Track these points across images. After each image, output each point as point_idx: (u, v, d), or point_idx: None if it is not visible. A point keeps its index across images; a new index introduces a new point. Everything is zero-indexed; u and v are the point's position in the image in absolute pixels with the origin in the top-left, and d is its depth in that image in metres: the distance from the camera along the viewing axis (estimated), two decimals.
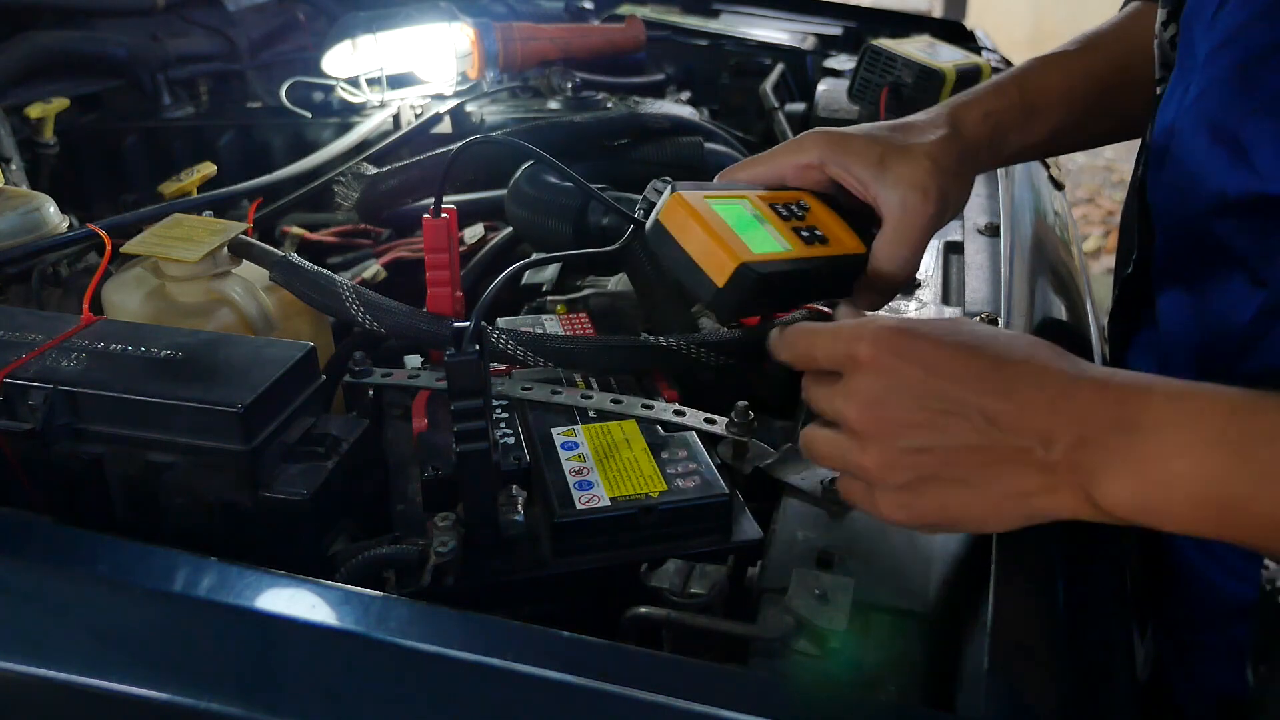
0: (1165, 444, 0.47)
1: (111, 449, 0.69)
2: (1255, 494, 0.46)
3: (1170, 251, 0.68)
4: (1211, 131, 0.60)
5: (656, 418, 0.78)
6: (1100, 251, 4.23)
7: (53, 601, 0.59)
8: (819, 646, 0.56)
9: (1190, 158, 0.62)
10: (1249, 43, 0.58)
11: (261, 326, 0.91)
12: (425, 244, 0.88)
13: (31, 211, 1.01)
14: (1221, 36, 0.60)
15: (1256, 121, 0.57)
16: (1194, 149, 0.61)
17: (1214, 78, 0.60)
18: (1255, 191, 0.57)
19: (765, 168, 0.73)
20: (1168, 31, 0.69)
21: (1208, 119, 0.60)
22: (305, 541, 0.69)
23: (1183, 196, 0.64)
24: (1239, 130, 0.58)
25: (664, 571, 0.64)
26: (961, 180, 0.73)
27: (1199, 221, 0.63)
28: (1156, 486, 0.48)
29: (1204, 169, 0.61)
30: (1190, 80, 0.63)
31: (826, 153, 0.71)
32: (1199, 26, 0.63)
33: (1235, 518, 0.47)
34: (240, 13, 1.74)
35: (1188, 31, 0.64)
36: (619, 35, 1.73)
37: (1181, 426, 0.48)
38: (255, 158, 1.56)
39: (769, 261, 0.65)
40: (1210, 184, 0.60)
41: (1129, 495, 0.48)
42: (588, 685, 0.51)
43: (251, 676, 0.55)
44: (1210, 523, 0.48)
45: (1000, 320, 0.85)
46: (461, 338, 0.64)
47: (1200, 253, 0.64)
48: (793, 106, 1.57)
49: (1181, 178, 0.63)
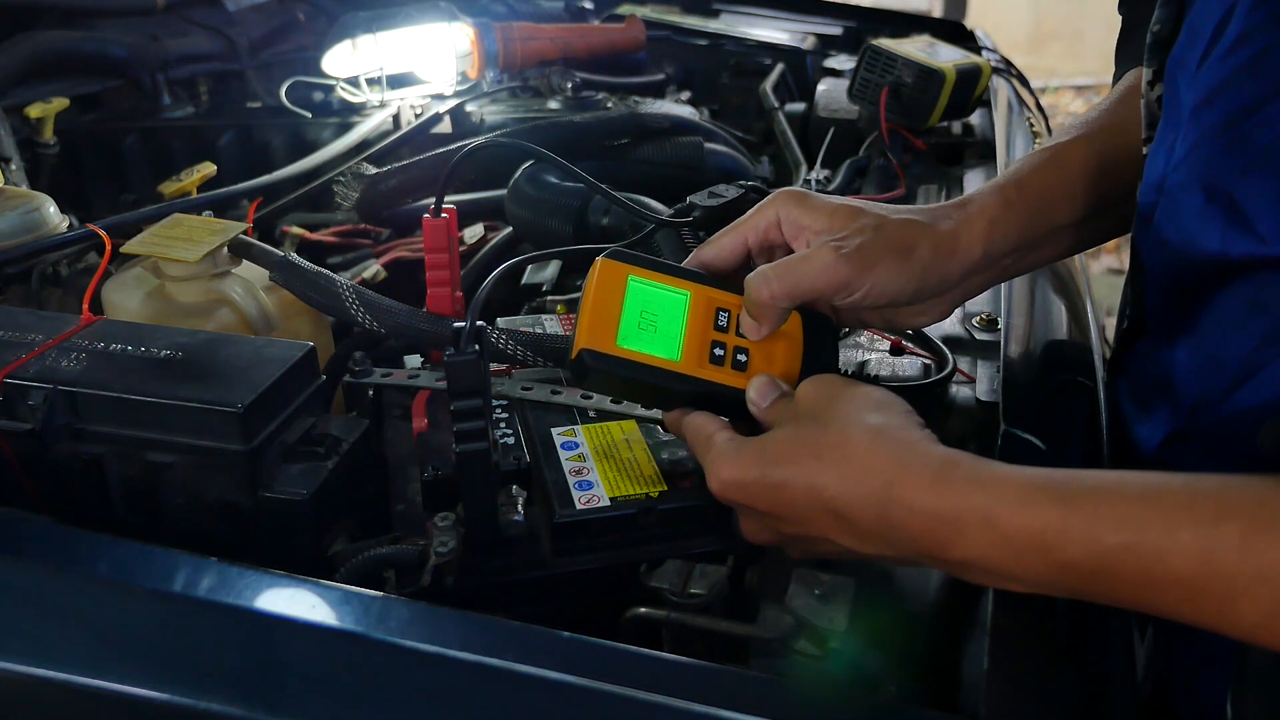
0: (980, 540, 0.50)
1: (111, 449, 0.69)
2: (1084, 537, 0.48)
3: (1162, 304, 0.67)
4: (1205, 191, 0.59)
5: (656, 418, 0.78)
6: (1100, 251, 4.23)
7: (52, 601, 0.59)
8: (819, 646, 0.56)
9: (1183, 216, 0.61)
10: (1234, 98, 0.57)
11: (261, 326, 0.91)
12: (425, 244, 0.88)
13: (31, 211, 1.01)
14: (1206, 91, 0.59)
15: (1251, 181, 0.56)
16: (1186, 207, 0.60)
17: (1202, 134, 0.59)
18: (1259, 254, 0.56)
19: (729, 238, 0.69)
20: (1154, 91, 0.67)
21: (1199, 177, 0.59)
22: (305, 541, 0.69)
23: (1175, 254, 0.62)
24: (1233, 189, 0.57)
25: (664, 571, 0.64)
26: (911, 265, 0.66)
27: (1193, 277, 0.62)
28: (998, 572, 0.51)
29: (1199, 228, 0.59)
30: (1178, 135, 0.62)
31: (784, 209, 0.68)
32: (1183, 78, 0.61)
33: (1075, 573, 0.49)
34: (240, 13, 1.74)
35: (1172, 82, 0.63)
36: (619, 35, 1.73)
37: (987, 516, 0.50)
38: (255, 158, 1.56)
39: (622, 359, 0.64)
40: (1207, 245, 0.59)
41: (981, 579, 0.53)
42: (588, 685, 0.51)
43: (251, 677, 0.55)
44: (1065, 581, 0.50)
45: (1000, 320, 0.85)
46: (460, 338, 0.64)
47: (1194, 302, 0.63)
48: (793, 106, 1.57)
49: (1174, 235, 0.62)
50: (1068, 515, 0.48)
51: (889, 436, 0.55)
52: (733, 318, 0.67)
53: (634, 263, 0.67)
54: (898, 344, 0.86)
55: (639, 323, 0.65)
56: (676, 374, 0.65)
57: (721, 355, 0.66)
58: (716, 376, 0.65)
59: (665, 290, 0.67)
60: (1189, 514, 0.46)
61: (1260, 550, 0.43)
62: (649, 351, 0.65)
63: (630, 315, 0.66)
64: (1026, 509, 0.49)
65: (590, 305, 0.65)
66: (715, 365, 0.66)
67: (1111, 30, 0.88)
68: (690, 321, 0.66)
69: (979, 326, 0.87)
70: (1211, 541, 0.45)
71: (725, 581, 0.63)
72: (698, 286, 0.68)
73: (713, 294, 0.68)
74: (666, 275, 0.68)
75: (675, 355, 0.65)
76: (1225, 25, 0.57)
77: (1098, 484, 0.49)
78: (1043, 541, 0.48)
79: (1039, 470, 0.51)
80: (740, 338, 0.67)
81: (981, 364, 0.82)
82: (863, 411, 0.57)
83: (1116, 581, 0.47)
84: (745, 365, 0.66)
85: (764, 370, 0.66)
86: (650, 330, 0.66)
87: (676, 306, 0.67)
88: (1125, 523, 0.47)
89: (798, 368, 0.67)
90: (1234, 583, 0.44)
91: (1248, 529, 0.44)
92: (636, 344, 0.65)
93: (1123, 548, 0.46)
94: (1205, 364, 0.63)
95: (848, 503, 0.54)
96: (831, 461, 0.55)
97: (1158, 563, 0.46)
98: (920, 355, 0.84)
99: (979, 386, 0.79)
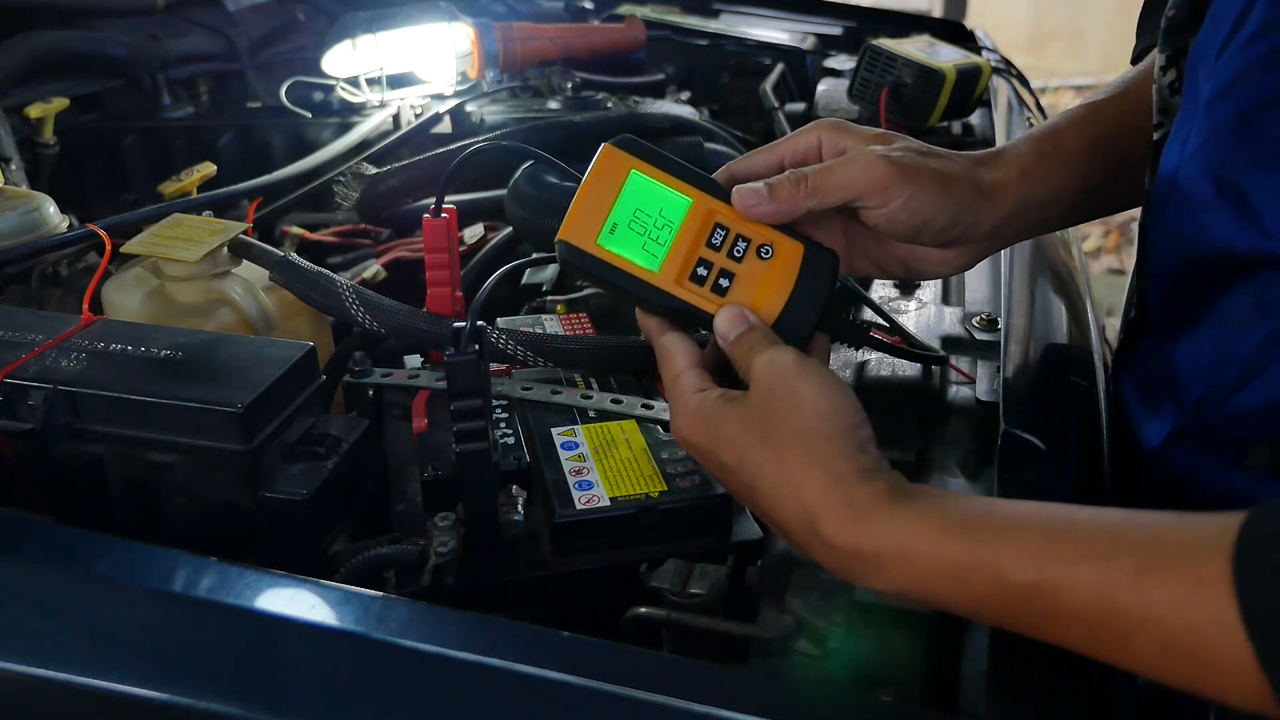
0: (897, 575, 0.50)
1: (111, 449, 0.69)
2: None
3: (1169, 298, 0.67)
4: (1215, 183, 0.58)
5: (656, 418, 0.78)
6: (1100, 251, 4.23)
7: (52, 601, 0.59)
8: (819, 646, 0.56)
9: (1193, 209, 0.60)
10: (1249, 91, 0.56)
11: (261, 326, 0.91)
12: (425, 244, 0.88)
13: (31, 211, 1.01)
14: (1223, 82, 0.58)
15: (1261, 175, 0.55)
16: (1197, 200, 0.60)
17: (1216, 125, 0.59)
18: (1265, 251, 0.56)
19: (764, 155, 0.66)
20: (1166, 77, 0.67)
21: (1211, 169, 0.59)
22: (305, 541, 0.69)
23: (1184, 247, 0.62)
24: (1243, 183, 0.56)
25: (664, 571, 0.64)
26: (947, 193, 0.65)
27: (1201, 272, 0.61)
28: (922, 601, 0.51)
29: (1208, 222, 0.59)
30: (1192, 126, 0.61)
31: (826, 133, 0.66)
32: (1203, 68, 0.61)
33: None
34: (240, 13, 1.74)
35: (1192, 72, 0.62)
36: (619, 35, 1.73)
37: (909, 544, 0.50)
38: (255, 158, 1.56)
39: (598, 260, 0.61)
40: (1215, 238, 0.59)
41: (907, 603, 0.54)
42: (587, 685, 0.51)
43: (251, 677, 0.55)
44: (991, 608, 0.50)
45: (1000, 320, 0.85)
46: (460, 338, 0.64)
47: (1200, 298, 0.63)
48: (793, 106, 1.57)
49: (1184, 227, 0.61)
50: (975, 550, 0.48)
51: (820, 460, 0.53)
52: (730, 237, 0.62)
53: (642, 156, 0.63)
54: (897, 344, 0.86)
55: (629, 221, 0.62)
56: (652, 286, 0.62)
57: (704, 275, 0.62)
58: (692, 298, 0.62)
59: (667, 192, 0.62)
60: (1088, 550, 0.45)
61: (1149, 587, 0.43)
62: (628, 257, 0.62)
63: (622, 212, 0.62)
64: (938, 544, 0.49)
65: (581, 194, 0.62)
66: (695, 284, 0.62)
67: (1111, 31, 0.88)
68: (683, 231, 0.62)
69: (979, 326, 0.87)
70: (1106, 578, 0.44)
71: (725, 581, 0.63)
72: (702, 195, 0.63)
73: (716, 206, 0.62)
74: (673, 176, 0.63)
75: (655, 266, 0.62)
76: (1245, 17, 0.57)
77: (1010, 519, 0.49)
78: (954, 576, 0.48)
79: (960, 501, 0.51)
80: (732, 259, 0.62)
81: (981, 364, 0.82)
82: (806, 418, 0.55)
83: (1023, 616, 0.47)
84: (726, 291, 0.62)
85: (746, 299, 0.62)
86: (638, 232, 0.62)
87: (674, 211, 0.62)
88: (1028, 559, 0.46)
89: (783, 303, 0.62)
90: (1126, 619, 0.44)
91: (1140, 566, 0.44)
92: (618, 246, 0.61)
93: (1026, 584, 0.46)
94: (1209, 361, 0.62)
95: (781, 511, 0.54)
96: (766, 469, 0.55)
97: (1057, 599, 0.45)
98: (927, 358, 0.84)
99: (979, 386, 0.79)
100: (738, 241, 0.62)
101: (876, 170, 0.62)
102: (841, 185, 0.62)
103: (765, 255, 0.62)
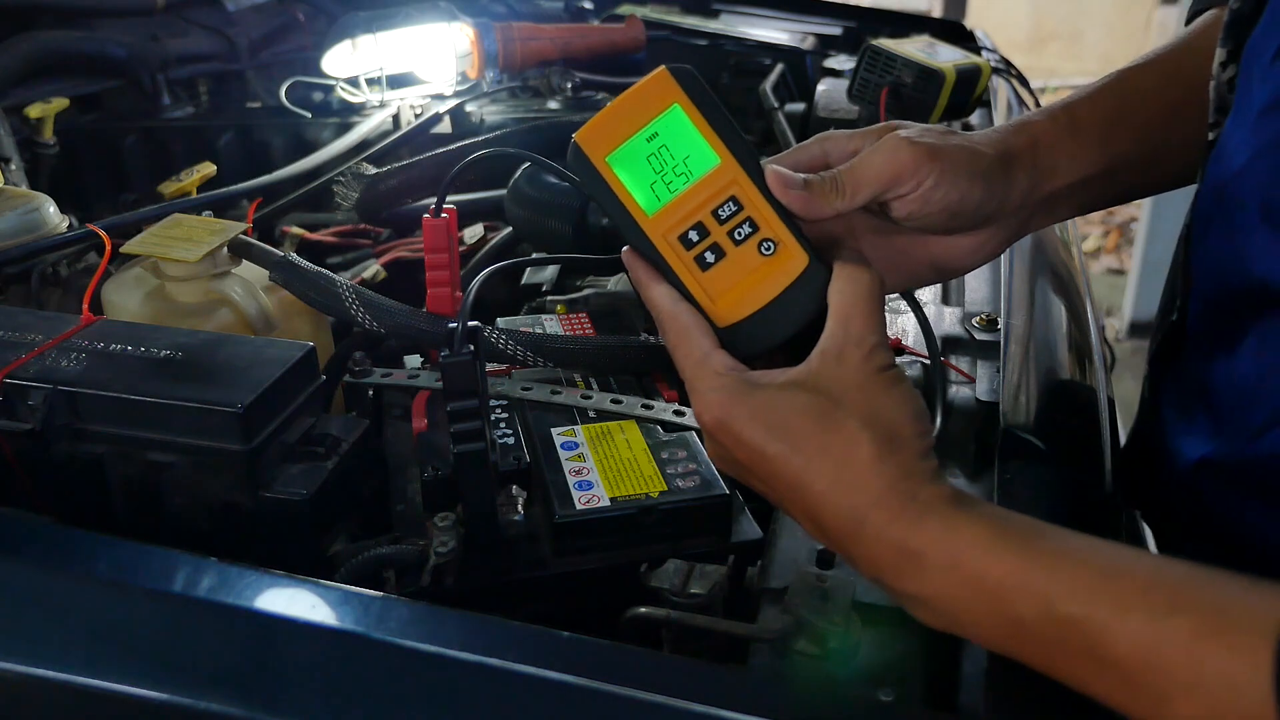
0: (939, 580, 0.49)
1: (111, 449, 0.69)
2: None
3: (1208, 315, 0.64)
4: (1262, 209, 0.55)
5: (656, 418, 0.78)
6: (1100, 251, 4.23)
7: (52, 602, 0.59)
8: (819, 646, 0.56)
9: (1236, 231, 0.57)
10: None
11: (261, 326, 0.91)
12: (425, 244, 0.88)
13: (31, 211, 1.01)
14: (1276, 91, 0.55)
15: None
16: (1240, 223, 0.57)
17: (1266, 143, 0.55)
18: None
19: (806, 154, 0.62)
20: (1226, 73, 0.62)
21: (1258, 192, 0.55)
22: (305, 541, 0.69)
23: (1225, 268, 0.59)
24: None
25: (664, 571, 0.64)
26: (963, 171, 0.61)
27: (1241, 297, 0.59)
28: (950, 617, 0.49)
29: (1251, 248, 0.56)
30: (1243, 137, 0.58)
31: (830, 143, 0.62)
32: (1257, 69, 0.57)
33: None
34: (240, 13, 1.74)
35: (1247, 73, 0.59)
36: (619, 35, 1.73)
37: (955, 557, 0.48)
38: (255, 158, 1.56)
39: (599, 174, 0.57)
40: (1256, 266, 0.56)
41: (932, 619, 0.50)
42: (587, 685, 0.51)
43: (251, 677, 0.55)
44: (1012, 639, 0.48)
45: (1000, 320, 0.85)
46: (454, 338, 0.64)
47: (1239, 323, 0.60)
48: (792, 106, 1.57)
49: (1226, 248, 0.58)
50: (1027, 569, 0.46)
51: (896, 458, 0.51)
52: (739, 216, 0.57)
53: (692, 95, 0.57)
54: (896, 343, 0.86)
55: (649, 154, 0.57)
56: (636, 226, 0.57)
57: (694, 241, 0.57)
58: (671, 257, 0.57)
59: (701, 142, 0.57)
60: (1144, 599, 0.43)
61: (1203, 654, 0.41)
62: (629, 188, 0.57)
63: (645, 141, 0.57)
64: (990, 555, 0.47)
65: (615, 105, 0.58)
66: (680, 245, 0.57)
67: (1110, 31, 0.87)
68: (697, 187, 0.57)
69: (979, 327, 0.87)
70: (1159, 634, 0.42)
71: (725, 581, 0.63)
72: (733, 162, 0.57)
73: (741, 180, 0.57)
74: (714, 130, 0.57)
75: (651, 209, 0.57)
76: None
77: (1068, 546, 0.47)
78: (999, 590, 0.46)
79: (1016, 518, 0.49)
80: (730, 239, 0.57)
81: (981, 364, 0.82)
82: (888, 417, 0.52)
83: (1060, 650, 0.45)
84: (709, 266, 0.57)
85: (724, 284, 0.57)
86: (654, 168, 0.57)
87: (699, 164, 0.57)
88: (1080, 592, 0.45)
89: (755, 309, 0.57)
90: (1172, 681, 0.42)
91: (1197, 630, 0.42)
92: (625, 172, 0.57)
93: (1072, 617, 0.44)
94: (1245, 391, 0.60)
95: (829, 505, 0.51)
96: (831, 461, 0.51)
97: (1102, 642, 0.44)
98: (919, 356, 0.84)
99: (979, 386, 0.79)
100: (744, 224, 0.57)
101: (903, 154, 0.59)
102: (872, 177, 0.59)
103: (765, 251, 0.57)
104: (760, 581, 0.62)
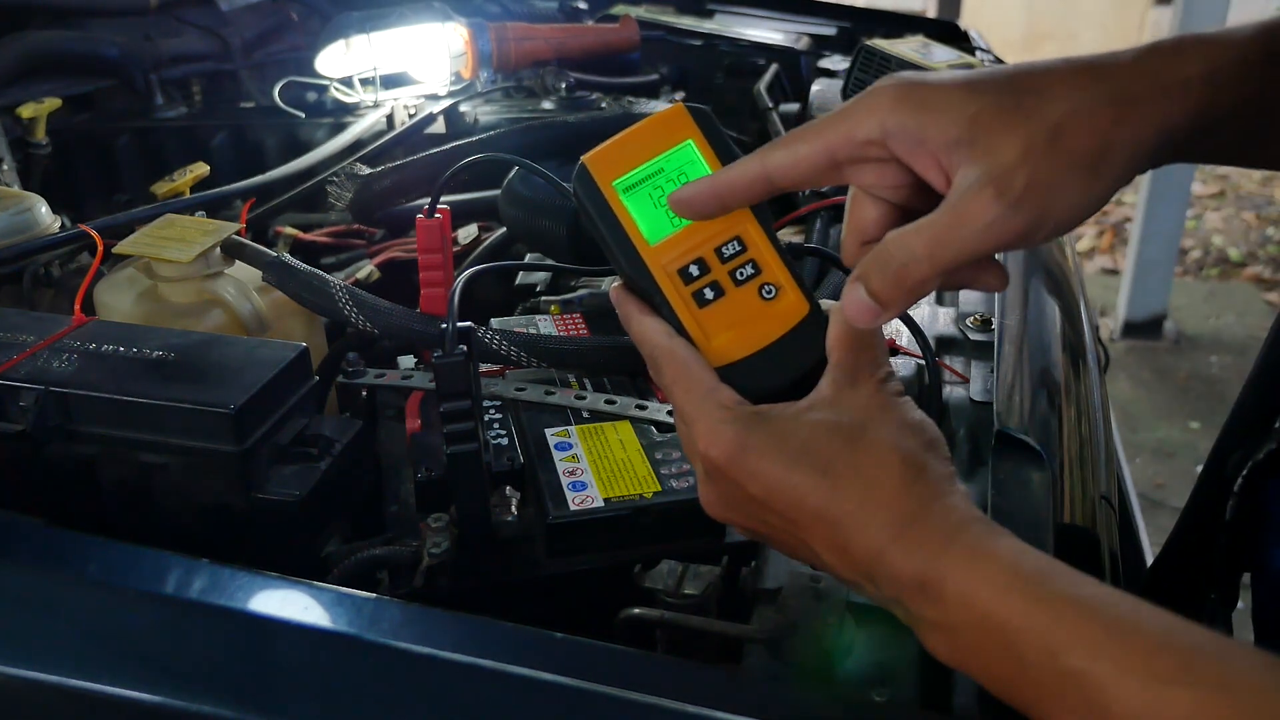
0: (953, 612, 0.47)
1: (103, 450, 0.69)
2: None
3: None
4: None
5: (650, 418, 0.78)
6: (1094, 251, 4.24)
7: (44, 604, 0.59)
8: (814, 646, 0.56)
9: None
10: None
11: (254, 327, 0.91)
12: (419, 244, 0.88)
13: (23, 212, 1.01)
14: None
15: None
16: None
17: None
18: None
19: (810, 146, 0.52)
20: None
21: None
22: (298, 543, 0.69)
23: None
24: None
25: (658, 572, 0.64)
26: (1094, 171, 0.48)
27: None
28: (961, 650, 0.48)
29: None
30: None
31: (892, 117, 0.50)
32: None
33: None
34: (233, 12, 1.73)
35: None
36: (613, 35, 1.73)
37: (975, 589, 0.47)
38: (248, 158, 1.55)
39: (602, 199, 0.56)
40: None
41: (944, 649, 0.48)
42: (581, 686, 0.51)
43: (244, 679, 0.55)
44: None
45: (994, 320, 0.85)
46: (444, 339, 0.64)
47: None
48: (787, 107, 1.57)
49: None
50: (1035, 613, 0.45)
51: (926, 479, 0.49)
52: (742, 257, 0.56)
53: (707, 133, 0.56)
54: (891, 344, 0.86)
55: (657, 183, 0.56)
56: (636, 255, 0.56)
57: (695, 276, 0.56)
58: (669, 289, 0.56)
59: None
60: (1148, 663, 0.42)
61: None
62: (634, 215, 0.56)
63: (656, 171, 0.56)
64: (1003, 594, 0.46)
65: (631, 133, 0.56)
66: (680, 279, 0.56)
67: (1104, 31, 0.87)
68: (700, 224, 0.56)
69: (973, 327, 0.87)
70: (1158, 702, 0.41)
71: (719, 582, 0.63)
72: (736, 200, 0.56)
73: (747, 220, 0.56)
74: (723, 175, 0.55)
75: (654, 239, 0.56)
76: None
77: (1081, 594, 0.45)
78: (1007, 629, 0.45)
79: (1033, 554, 0.47)
80: (731, 279, 0.56)
81: (975, 364, 0.83)
82: (912, 439, 0.50)
83: (1059, 701, 0.44)
84: (707, 304, 0.56)
85: (720, 324, 0.56)
86: (659, 201, 0.56)
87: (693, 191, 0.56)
88: (1083, 645, 0.43)
89: (750, 352, 0.56)
90: None
91: (1198, 706, 0.40)
92: (631, 200, 0.56)
93: (1074, 670, 0.43)
94: None
95: (858, 524, 0.49)
96: (862, 482, 0.49)
97: (1099, 700, 0.42)
98: (914, 356, 0.84)
99: (973, 387, 0.79)
100: (747, 265, 0.56)
101: (1003, 227, 0.47)
102: (963, 256, 0.49)
103: (766, 295, 0.56)
104: (754, 582, 0.62)
